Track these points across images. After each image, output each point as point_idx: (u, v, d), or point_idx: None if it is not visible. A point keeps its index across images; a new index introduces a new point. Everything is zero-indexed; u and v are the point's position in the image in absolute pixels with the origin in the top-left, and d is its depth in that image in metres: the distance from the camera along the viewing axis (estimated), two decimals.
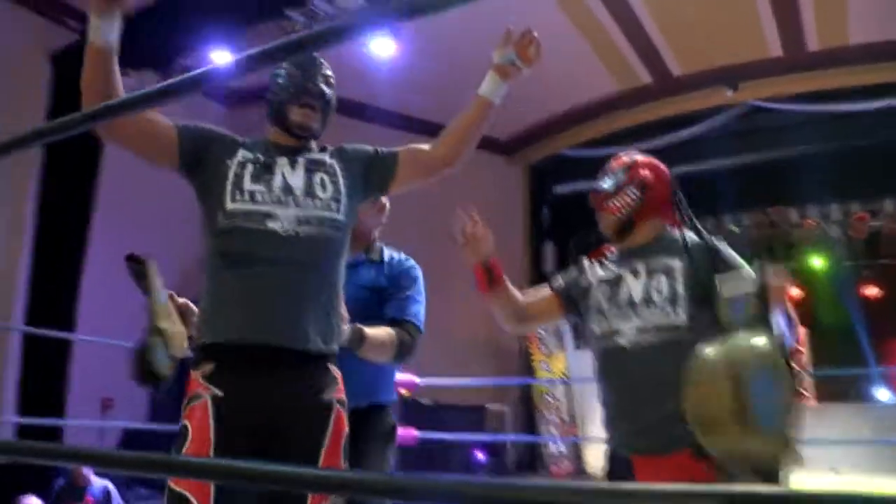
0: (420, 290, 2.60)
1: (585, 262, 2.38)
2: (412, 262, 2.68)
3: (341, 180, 2.07)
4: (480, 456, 7.62)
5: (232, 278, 1.90)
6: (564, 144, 9.89)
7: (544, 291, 2.46)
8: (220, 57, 7.29)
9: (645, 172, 2.27)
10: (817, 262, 9.73)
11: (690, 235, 2.16)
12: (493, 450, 8.15)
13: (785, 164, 8.31)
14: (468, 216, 2.40)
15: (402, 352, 2.44)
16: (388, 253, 2.66)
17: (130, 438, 7.49)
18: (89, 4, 1.90)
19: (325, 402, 1.92)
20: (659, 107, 8.97)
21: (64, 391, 6.95)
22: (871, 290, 9.95)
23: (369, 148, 2.23)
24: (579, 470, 8.52)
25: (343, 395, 1.99)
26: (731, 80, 8.68)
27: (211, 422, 1.82)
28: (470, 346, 9.25)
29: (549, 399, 8.94)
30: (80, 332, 6.92)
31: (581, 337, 8.89)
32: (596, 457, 8.51)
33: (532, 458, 8.87)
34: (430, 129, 10.45)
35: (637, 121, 9.07)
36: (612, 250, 2.33)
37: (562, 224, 9.74)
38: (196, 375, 1.91)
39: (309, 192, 1.99)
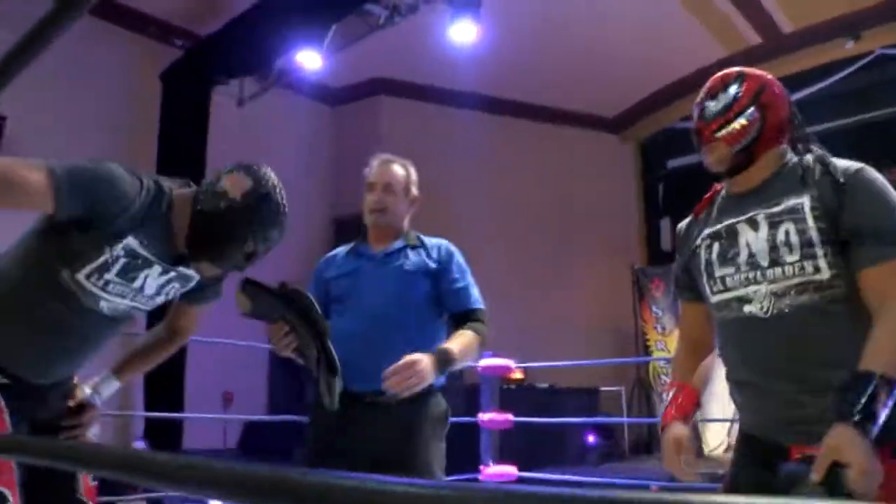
0: (467, 271, 2.53)
1: (683, 225, 1.98)
2: (450, 244, 2.59)
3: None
4: (591, 439, 7.44)
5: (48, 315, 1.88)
6: (674, 117, 9.52)
7: (686, 313, 2.03)
8: (308, 57, 7.45)
9: (762, 87, 1.77)
10: None
11: (812, 165, 1.70)
12: (607, 432, 7.95)
13: None
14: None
15: (483, 343, 2.43)
16: (422, 238, 2.60)
17: (250, 432, 7.78)
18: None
19: None
20: (771, 68, 8.43)
21: (183, 387, 7.31)
22: None
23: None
24: (697, 452, 8.14)
25: None
26: (852, 30, 8.06)
27: None
28: (587, 330, 9.07)
29: (666, 379, 8.63)
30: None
31: None
32: (716, 437, 8.11)
33: (648, 440, 8.58)
34: (513, 109, 10.55)
35: None
36: (720, 192, 1.89)
37: (677, 199, 9.40)
38: None
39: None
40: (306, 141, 9.51)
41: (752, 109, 1.73)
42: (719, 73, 1.86)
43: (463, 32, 6.79)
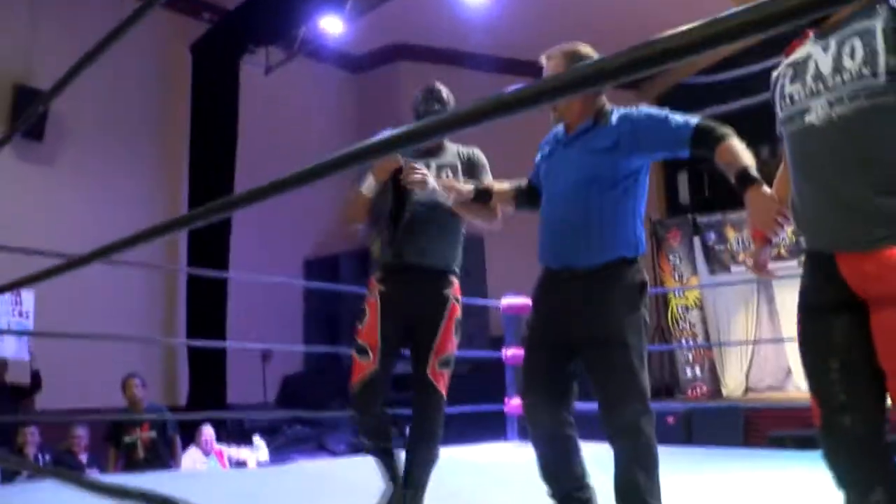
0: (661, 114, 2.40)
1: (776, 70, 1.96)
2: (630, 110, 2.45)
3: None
4: None
5: None
6: (690, 72, 9.68)
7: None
8: (332, 23, 7.73)
9: None
10: None
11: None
12: None
13: None
14: None
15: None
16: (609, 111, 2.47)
17: (288, 384, 8.23)
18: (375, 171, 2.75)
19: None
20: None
21: (225, 349, 7.79)
22: None
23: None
24: (716, 392, 8.48)
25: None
26: None
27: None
28: None
29: (685, 325, 8.91)
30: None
31: (715, 261, 8.78)
32: (735, 380, 8.41)
33: (670, 384, 8.90)
34: (530, 70, 10.59)
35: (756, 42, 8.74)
36: (809, 37, 1.88)
37: None
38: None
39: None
40: (331, 107, 9.85)
41: None
42: None
43: None
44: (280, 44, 8.56)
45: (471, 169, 2.93)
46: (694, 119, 2.30)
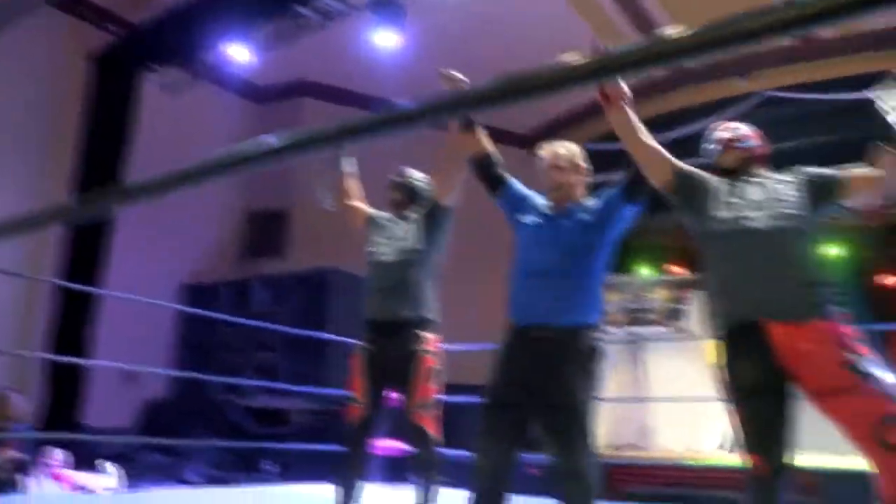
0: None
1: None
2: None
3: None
4: None
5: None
6: (586, 137, 10.05)
7: (665, 155, 2.65)
8: (239, 52, 7.70)
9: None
10: (834, 250, 9.71)
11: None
12: None
13: (793, 153, 8.35)
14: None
15: None
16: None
17: (151, 410, 7.93)
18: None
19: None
20: (672, 98, 9.09)
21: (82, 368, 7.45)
22: (890, 279, 9.88)
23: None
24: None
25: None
26: (743, 70, 8.80)
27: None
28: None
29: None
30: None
31: None
32: (599, 436, 8.58)
33: (538, 436, 9.04)
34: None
35: (651, 112, 9.19)
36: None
37: None
38: None
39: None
40: (232, 134, 9.72)
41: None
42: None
43: (386, 40, 7.17)
44: (185, 66, 8.44)
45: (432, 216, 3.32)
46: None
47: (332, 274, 8.61)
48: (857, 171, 2.41)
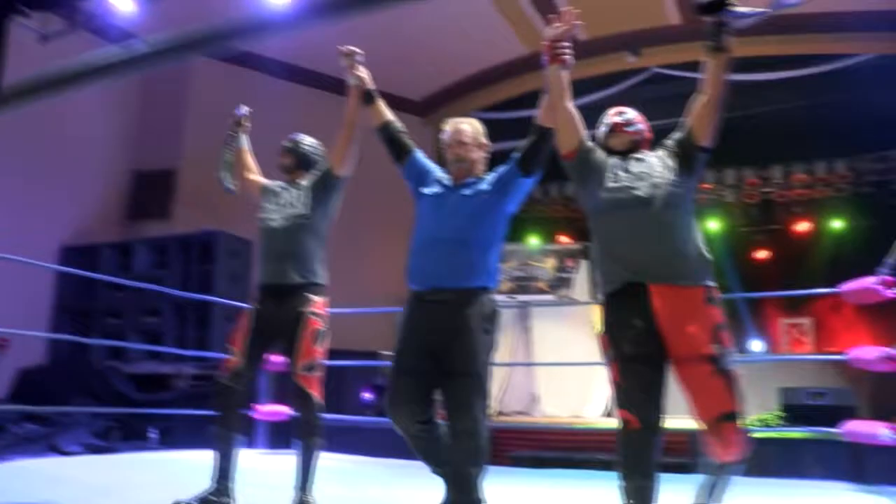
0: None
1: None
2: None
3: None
4: (368, 395, 7.91)
5: None
6: (477, 106, 10.11)
7: (579, 126, 2.77)
8: (122, 1, 7.32)
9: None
10: (713, 224, 10.18)
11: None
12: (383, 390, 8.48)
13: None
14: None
15: None
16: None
17: (26, 377, 7.58)
18: None
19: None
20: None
21: None
22: (761, 253, 10.45)
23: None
24: None
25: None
26: (634, 47, 9.03)
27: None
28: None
29: None
30: None
31: None
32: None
33: None
34: (321, 82, 10.67)
35: (538, 85, 9.32)
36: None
37: None
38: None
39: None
40: (111, 90, 9.24)
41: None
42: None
43: None
44: (61, 12, 7.94)
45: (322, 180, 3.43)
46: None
47: (219, 237, 8.38)
48: (692, 109, 2.64)
